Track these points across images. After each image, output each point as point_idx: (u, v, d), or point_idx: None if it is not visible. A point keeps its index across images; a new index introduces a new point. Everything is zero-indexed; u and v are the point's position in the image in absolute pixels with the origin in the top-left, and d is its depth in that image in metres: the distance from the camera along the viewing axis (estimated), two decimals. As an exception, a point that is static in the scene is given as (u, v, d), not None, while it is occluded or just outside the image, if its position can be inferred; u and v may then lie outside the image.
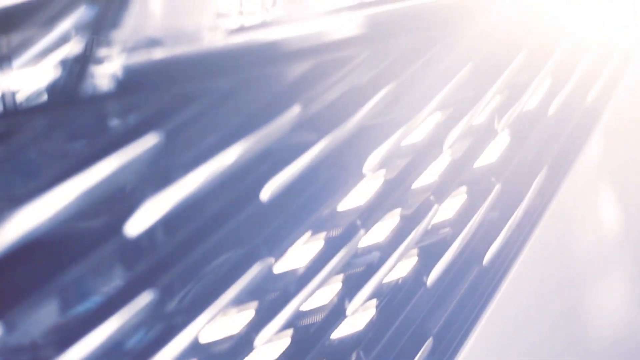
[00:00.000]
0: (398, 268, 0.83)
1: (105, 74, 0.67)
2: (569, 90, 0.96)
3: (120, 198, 0.68)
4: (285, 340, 0.79)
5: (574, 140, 0.98)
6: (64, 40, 0.66)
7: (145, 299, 0.66)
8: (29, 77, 0.66)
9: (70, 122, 0.67)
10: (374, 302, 0.85)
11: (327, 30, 0.78)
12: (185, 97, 0.71)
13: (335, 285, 0.82)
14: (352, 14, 0.80)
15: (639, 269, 1.02)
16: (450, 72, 0.86)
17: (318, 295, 0.79)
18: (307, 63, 0.77)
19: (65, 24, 0.66)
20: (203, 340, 0.74)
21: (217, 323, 0.73)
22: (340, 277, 0.82)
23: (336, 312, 0.80)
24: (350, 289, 0.81)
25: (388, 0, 0.83)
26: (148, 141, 0.67)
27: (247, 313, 0.75)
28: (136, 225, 0.67)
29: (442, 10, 0.85)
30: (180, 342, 0.68)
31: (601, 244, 1.00)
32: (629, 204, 1.02)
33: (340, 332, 0.82)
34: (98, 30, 0.67)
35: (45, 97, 0.66)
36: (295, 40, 0.76)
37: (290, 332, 0.79)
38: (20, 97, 0.65)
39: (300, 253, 0.79)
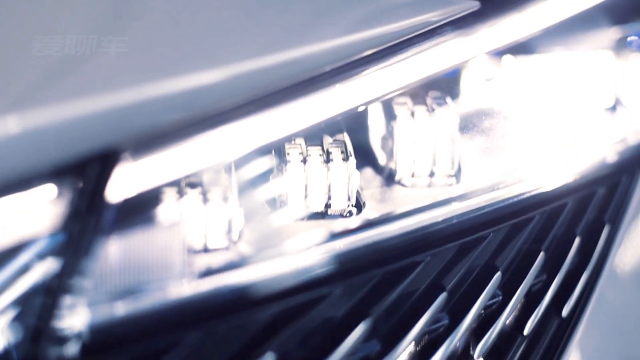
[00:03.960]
0: None
1: (68, 334, 0.65)
2: (544, 306, 0.95)
3: None
4: None
5: (550, 357, 0.96)
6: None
7: None
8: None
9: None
10: None
11: (296, 269, 0.77)
12: (155, 351, 0.68)
13: None
14: (321, 249, 0.79)
15: None
16: (424, 301, 0.84)
17: None
18: (278, 305, 0.75)
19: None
20: None
21: None
22: None
23: None
24: None
25: (358, 229, 0.82)
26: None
27: None
28: None
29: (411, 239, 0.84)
30: None
31: None
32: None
33: None
34: (60, 289, 0.65)
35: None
36: (264, 283, 0.74)
37: None
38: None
39: None
